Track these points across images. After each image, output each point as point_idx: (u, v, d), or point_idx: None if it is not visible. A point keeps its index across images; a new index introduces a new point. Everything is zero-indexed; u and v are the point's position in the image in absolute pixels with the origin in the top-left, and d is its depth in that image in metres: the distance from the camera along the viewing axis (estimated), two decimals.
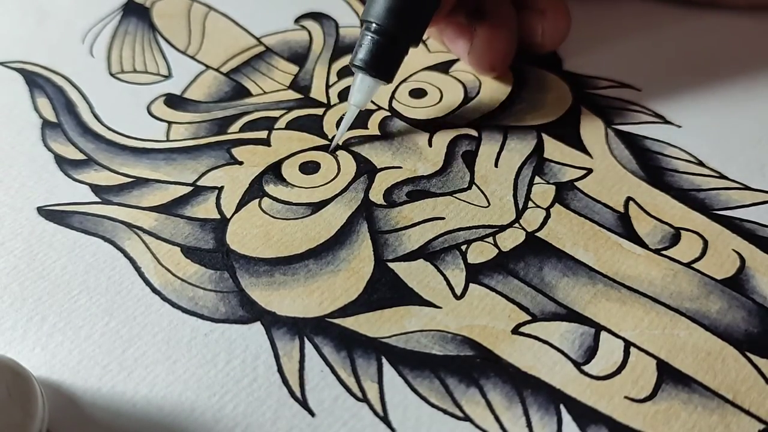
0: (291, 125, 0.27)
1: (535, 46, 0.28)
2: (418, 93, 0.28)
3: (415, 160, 0.25)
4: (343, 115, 0.26)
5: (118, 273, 0.22)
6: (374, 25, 0.24)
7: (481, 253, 0.22)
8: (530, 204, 0.24)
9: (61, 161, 0.26)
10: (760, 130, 0.26)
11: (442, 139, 0.26)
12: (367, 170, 0.25)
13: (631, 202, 0.24)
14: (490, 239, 0.23)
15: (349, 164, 0.25)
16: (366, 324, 0.21)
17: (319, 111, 0.27)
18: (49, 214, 0.24)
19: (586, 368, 0.20)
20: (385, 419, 0.19)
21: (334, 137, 0.26)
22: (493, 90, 0.28)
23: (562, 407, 0.19)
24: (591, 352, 0.20)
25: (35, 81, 0.29)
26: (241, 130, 0.27)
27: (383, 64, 0.24)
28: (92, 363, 0.20)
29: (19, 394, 0.17)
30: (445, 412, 0.19)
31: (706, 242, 0.23)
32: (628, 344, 0.20)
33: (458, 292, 0.21)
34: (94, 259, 0.22)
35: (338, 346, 0.20)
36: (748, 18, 0.31)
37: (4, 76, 0.29)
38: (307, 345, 0.20)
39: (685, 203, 0.24)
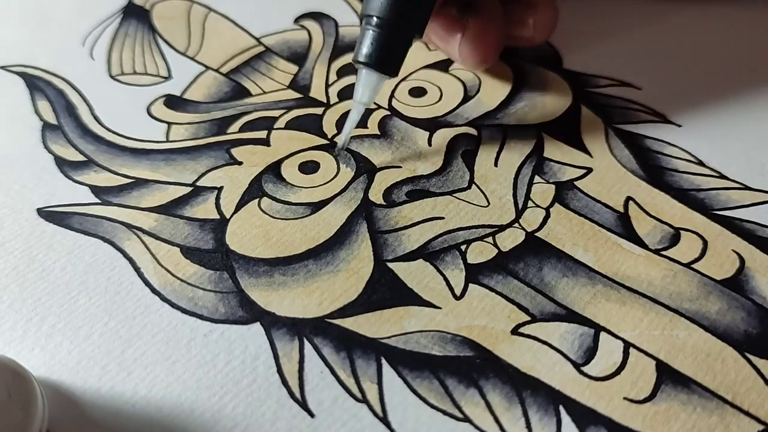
0: (291, 125, 0.27)
1: (525, 39, 0.28)
2: (417, 92, 0.28)
3: (415, 160, 0.25)
4: (346, 113, 0.25)
5: (117, 273, 0.22)
6: (375, 18, 0.23)
7: (480, 253, 0.22)
8: (530, 204, 0.24)
9: (61, 163, 0.26)
10: (760, 130, 0.26)
11: (442, 138, 0.26)
12: (366, 170, 0.25)
13: (630, 202, 0.24)
14: (490, 239, 0.23)
15: (348, 164, 0.25)
16: (365, 324, 0.21)
17: (319, 110, 0.27)
18: (48, 215, 0.24)
19: (585, 369, 0.20)
20: (384, 420, 0.19)
21: (335, 136, 0.26)
22: (492, 89, 0.28)
23: (561, 408, 0.19)
24: (590, 352, 0.20)
25: (36, 84, 0.29)
26: (241, 130, 0.27)
27: (388, 58, 0.24)
28: (92, 363, 0.20)
29: (19, 394, 0.17)
30: (444, 412, 0.19)
31: (705, 242, 0.23)
32: (627, 345, 0.20)
33: (458, 292, 0.21)
34: (94, 260, 0.23)
35: (338, 346, 0.20)
36: (750, 17, 0.31)
37: (5, 79, 0.29)
38: (307, 345, 0.20)
39: (685, 203, 0.24)
